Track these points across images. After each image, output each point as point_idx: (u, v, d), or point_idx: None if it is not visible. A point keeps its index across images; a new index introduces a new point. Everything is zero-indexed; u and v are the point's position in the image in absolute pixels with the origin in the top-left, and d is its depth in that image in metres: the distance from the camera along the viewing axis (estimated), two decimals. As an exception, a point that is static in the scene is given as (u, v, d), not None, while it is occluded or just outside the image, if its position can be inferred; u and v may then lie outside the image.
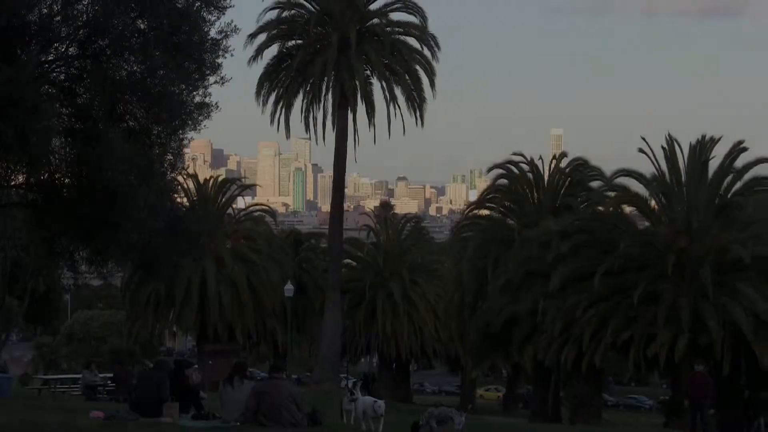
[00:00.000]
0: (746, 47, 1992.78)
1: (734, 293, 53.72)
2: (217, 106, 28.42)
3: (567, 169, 75.46)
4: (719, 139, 60.59)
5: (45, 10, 25.53)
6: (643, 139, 59.86)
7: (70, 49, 27.42)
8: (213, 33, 27.75)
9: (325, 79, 73.14)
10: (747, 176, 60.51)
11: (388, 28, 75.08)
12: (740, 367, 55.45)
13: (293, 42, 75.26)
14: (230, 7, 27.82)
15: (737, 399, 57.09)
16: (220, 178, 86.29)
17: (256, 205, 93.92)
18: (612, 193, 64.09)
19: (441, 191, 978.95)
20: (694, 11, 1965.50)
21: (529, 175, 75.43)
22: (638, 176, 61.31)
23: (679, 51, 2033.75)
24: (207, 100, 28.64)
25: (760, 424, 40.97)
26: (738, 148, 60.38)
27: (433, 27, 76.14)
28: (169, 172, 29.89)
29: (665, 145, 60.17)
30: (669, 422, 56.28)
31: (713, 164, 59.77)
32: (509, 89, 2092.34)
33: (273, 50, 75.29)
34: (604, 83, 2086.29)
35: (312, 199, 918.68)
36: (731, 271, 54.70)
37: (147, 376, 30.26)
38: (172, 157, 29.77)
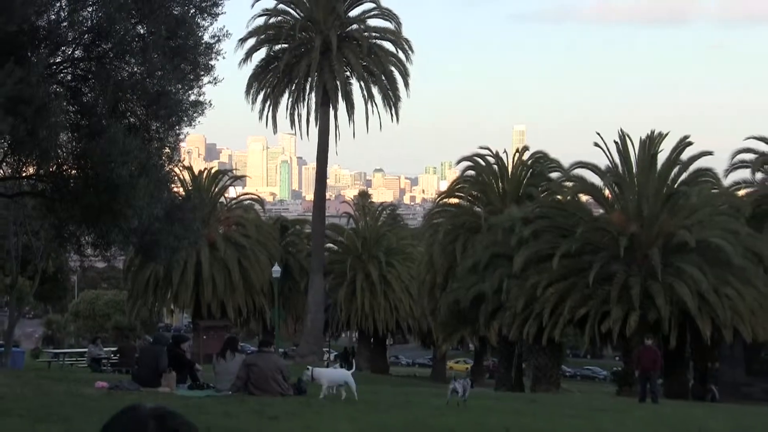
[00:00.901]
0: (690, 51, 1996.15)
1: (680, 274, 53.91)
2: (211, 104, 28.58)
3: (529, 162, 75.84)
4: (667, 135, 60.80)
5: (53, 16, 25.68)
6: (598, 134, 60.07)
7: (76, 52, 27.57)
8: (207, 37, 27.99)
9: (309, 79, 73.31)
10: (692, 168, 60.75)
11: (366, 33, 75.28)
12: (685, 341, 55.73)
13: (280, 46, 75.38)
14: (222, 14, 28.13)
15: (683, 369, 57.41)
16: (213, 170, 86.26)
17: (246, 194, 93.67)
18: (570, 183, 64.20)
19: (414, 181, 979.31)
20: (643, 19, 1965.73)
21: (495, 166, 75.68)
22: (593, 168, 61.51)
23: (630, 54, 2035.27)
24: (201, 98, 28.71)
25: (713, 392, 41.12)
26: (684, 143, 60.58)
27: (407, 32, 76.56)
28: (166, 165, 29.99)
29: (618, 140, 60.35)
30: (621, 391, 56.43)
31: (661, 157, 59.94)
32: (478, 89, 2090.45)
33: (261, 53, 75.61)
34: (564, 83, 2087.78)
35: (297, 188, 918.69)
36: (677, 253, 54.88)
37: (147, 350, 30.26)
38: (169, 151, 29.91)
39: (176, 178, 37.75)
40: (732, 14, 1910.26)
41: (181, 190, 42.85)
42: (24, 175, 29.39)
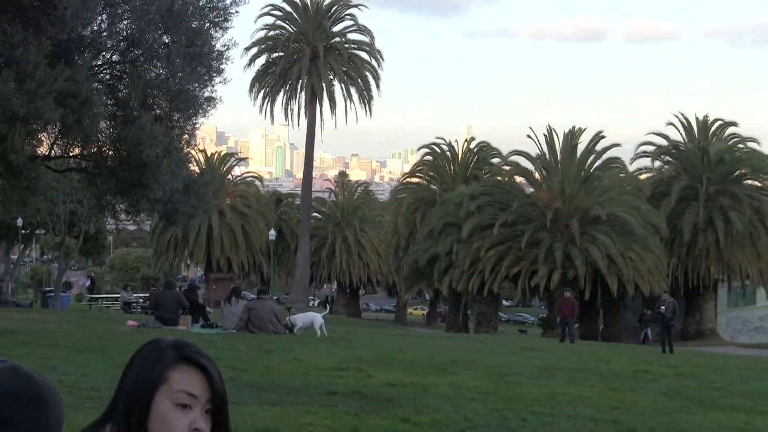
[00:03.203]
0: (603, 63, 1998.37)
1: (594, 240, 54.16)
2: (221, 100, 28.67)
3: (475, 150, 76.23)
4: (585, 130, 61.15)
5: (95, 28, 25.71)
6: (531, 128, 60.26)
7: (114, 57, 27.63)
8: (218, 46, 28.10)
9: (300, 81, 73.28)
10: (604, 156, 61.04)
11: (347, 45, 75.42)
12: (597, 294, 56.00)
13: (277, 54, 75.14)
14: (231, 27, 28.33)
15: (595, 316, 57.71)
16: (222, 153, 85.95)
17: (248, 173, 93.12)
18: (507, 167, 64.40)
19: (383, 164, 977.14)
20: (572, 36, 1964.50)
21: (448, 153, 76.01)
22: (526, 155, 61.77)
23: (553, 64, 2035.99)
24: (213, 95, 28.77)
25: (647, 334, 41.26)
26: (598, 137, 60.83)
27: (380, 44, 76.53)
28: (185, 148, 30.04)
29: (546, 133, 60.58)
30: (545, 333, 56.70)
31: (580, 147, 60.16)
32: (436, 89, 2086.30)
33: (262, 59, 75.37)
34: (504, 87, 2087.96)
35: (289, 169, 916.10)
36: (592, 224, 55.08)
37: (167, 295, 30.19)
38: (187, 137, 29.98)
39: (192, 159, 37.67)
40: (636, 35, 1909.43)
41: (196, 168, 42.64)
42: (71, 154, 29.35)
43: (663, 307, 36.72)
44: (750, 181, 64.95)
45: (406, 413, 12.67)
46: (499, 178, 63.78)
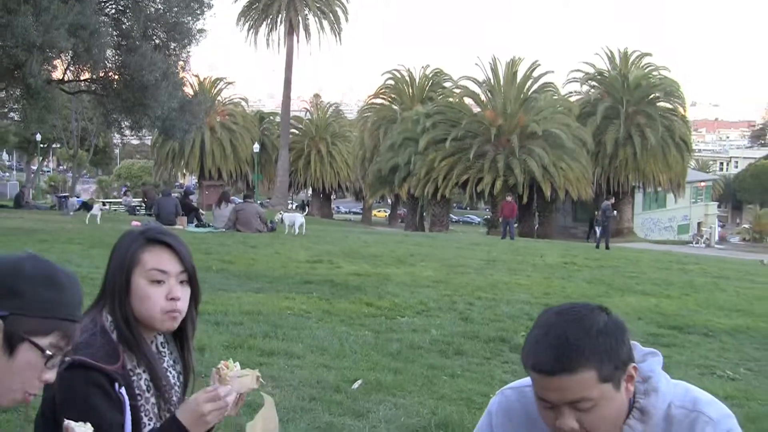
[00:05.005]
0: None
1: (531, 153, 54.24)
2: (210, 31, 28.40)
3: (430, 75, 75.84)
4: (523, 59, 60.98)
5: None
6: (478, 57, 60.19)
7: (118, -7, 27.27)
8: (209, -15, 27.71)
9: (280, 15, 72.27)
10: (540, 81, 60.92)
11: (320, -16, 74.52)
12: (533, 198, 56.27)
13: (259, -9, 74.17)
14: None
15: (531, 217, 58.08)
16: (213, 78, 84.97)
17: (235, 95, 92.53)
18: (458, 90, 64.25)
19: (351, 88, 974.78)
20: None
21: (407, 78, 75.64)
22: (474, 80, 61.55)
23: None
24: (204, 27, 28.53)
25: (596, 231, 41.45)
26: (535, 64, 60.67)
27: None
28: (180, 73, 29.78)
29: (491, 62, 60.44)
30: (489, 231, 57.01)
31: (520, 73, 59.99)
32: (396, 22, 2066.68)
33: (246, -4, 74.44)
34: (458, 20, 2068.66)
35: (271, 91, 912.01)
36: (529, 139, 55.09)
37: (165, 201, 30.13)
38: (182, 63, 29.66)
39: (187, 82, 37.38)
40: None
41: (190, 91, 42.35)
42: (82, 78, 29.17)
43: (606, 210, 37.43)
44: (662, 103, 65.49)
45: (370, 298, 12.77)
46: (450, 99, 63.47)
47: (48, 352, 2.25)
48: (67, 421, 2.40)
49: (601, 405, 2.32)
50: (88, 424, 2.47)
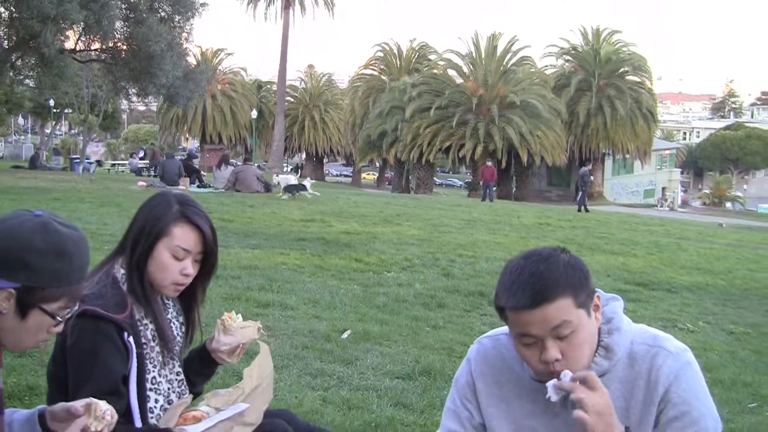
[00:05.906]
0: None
1: (509, 121, 54.19)
2: (211, 5, 28.32)
3: (416, 48, 75.51)
4: (503, 34, 60.83)
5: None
6: (461, 32, 60.25)
7: (125, -32, 27.01)
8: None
9: (277, -10, 72.01)
10: (519, 55, 60.73)
11: (315, -39, 73.94)
12: (511, 163, 56.32)
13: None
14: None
15: (509, 181, 58.17)
16: (215, 49, 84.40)
17: (235, 65, 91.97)
18: (442, 62, 64.05)
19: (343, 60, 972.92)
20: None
21: (395, 50, 75.32)
22: (457, 53, 61.27)
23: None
24: (206, 1, 28.28)
25: (582, 195, 41.21)
26: (514, 39, 60.48)
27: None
28: (184, 44, 29.62)
29: (473, 37, 60.33)
30: (470, 194, 57.04)
31: (500, 48, 59.80)
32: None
33: (246, -28, 73.80)
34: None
35: (268, 62, 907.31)
36: (508, 108, 55.00)
37: (169, 163, 30.01)
38: (186, 35, 29.48)
39: (190, 53, 37.20)
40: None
41: (193, 61, 42.10)
42: (92, 48, 29.05)
43: (584, 176, 37.79)
44: (631, 77, 65.58)
45: (359, 255, 12.77)
46: (435, 71, 63.26)
47: (58, 318, 2.31)
48: (90, 399, 2.38)
49: (579, 330, 2.38)
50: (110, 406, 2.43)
